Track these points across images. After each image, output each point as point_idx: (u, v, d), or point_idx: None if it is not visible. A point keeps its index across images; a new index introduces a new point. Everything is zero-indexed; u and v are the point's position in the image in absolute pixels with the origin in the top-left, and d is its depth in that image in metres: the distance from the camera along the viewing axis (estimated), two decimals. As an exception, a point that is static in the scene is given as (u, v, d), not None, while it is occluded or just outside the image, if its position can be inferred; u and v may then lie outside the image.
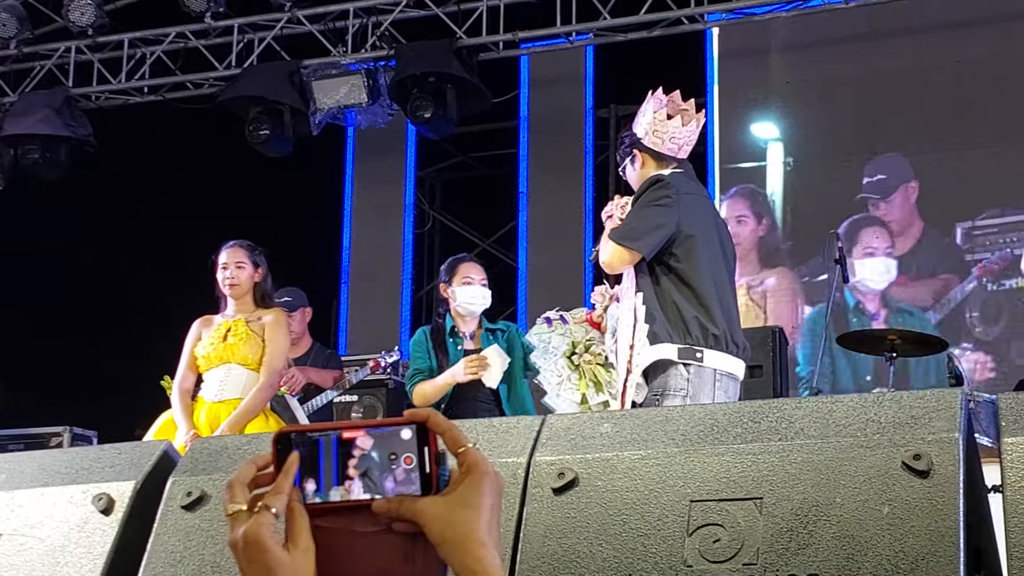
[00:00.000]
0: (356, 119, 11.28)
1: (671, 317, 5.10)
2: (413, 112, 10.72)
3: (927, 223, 10.39)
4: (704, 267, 5.18)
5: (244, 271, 6.51)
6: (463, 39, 10.83)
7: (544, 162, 12.04)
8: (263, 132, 10.91)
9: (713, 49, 11.28)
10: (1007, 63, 10.18)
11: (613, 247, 5.20)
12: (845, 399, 2.92)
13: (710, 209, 5.49)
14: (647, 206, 5.22)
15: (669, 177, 5.27)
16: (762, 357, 7.54)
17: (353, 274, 12.46)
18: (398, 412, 8.25)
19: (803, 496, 2.73)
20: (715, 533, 2.76)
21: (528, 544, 2.90)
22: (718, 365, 5.08)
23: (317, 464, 1.50)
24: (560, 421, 3.15)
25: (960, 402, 2.78)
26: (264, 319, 6.46)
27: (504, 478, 2.98)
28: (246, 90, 11.04)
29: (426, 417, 1.51)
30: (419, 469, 1.51)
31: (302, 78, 10.94)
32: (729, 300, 5.26)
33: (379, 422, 1.53)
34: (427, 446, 1.51)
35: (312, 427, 1.53)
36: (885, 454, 2.72)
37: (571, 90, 11.97)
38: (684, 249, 5.18)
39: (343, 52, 11.11)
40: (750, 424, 2.92)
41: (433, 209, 13.41)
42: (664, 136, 5.36)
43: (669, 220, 5.17)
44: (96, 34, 11.49)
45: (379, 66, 11.02)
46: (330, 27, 11.25)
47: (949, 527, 2.58)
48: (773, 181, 10.99)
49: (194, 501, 3.20)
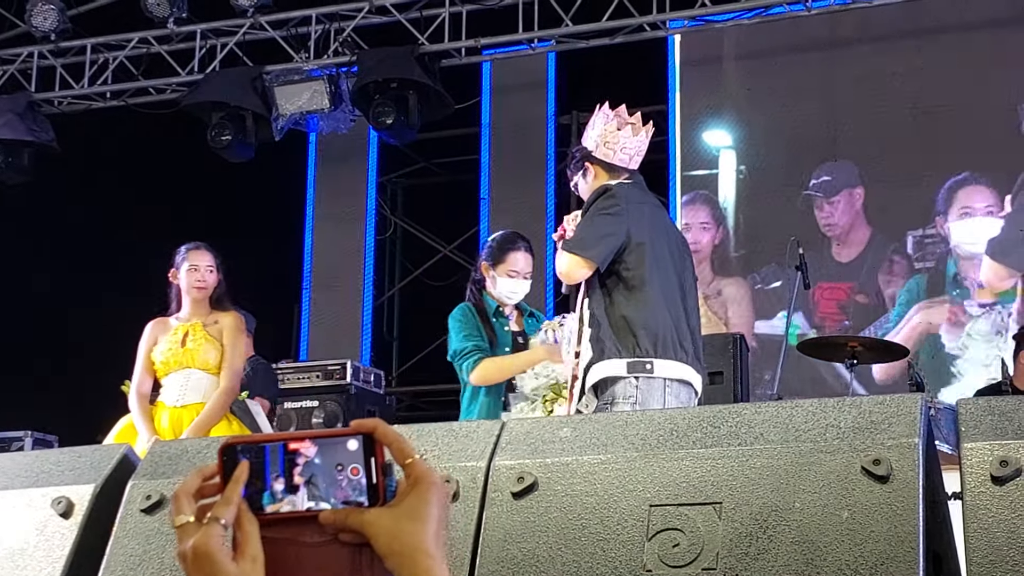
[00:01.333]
0: (318, 125, 11.25)
1: (619, 328, 5.11)
2: (375, 118, 10.70)
3: (875, 229, 10.43)
4: (654, 275, 5.20)
5: (213, 275, 6.50)
6: (425, 45, 10.82)
7: (506, 168, 12.04)
8: (225, 137, 10.88)
9: (675, 56, 11.31)
10: (967, 72, 10.24)
11: (568, 256, 5.22)
12: (805, 404, 2.92)
13: (662, 218, 5.51)
14: (596, 215, 5.25)
15: (616, 187, 5.30)
16: (723, 364, 7.56)
17: (314, 280, 12.43)
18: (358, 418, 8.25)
19: (763, 501, 2.74)
20: (674, 538, 2.77)
21: (487, 548, 2.90)
22: (668, 374, 5.09)
23: (264, 475, 1.49)
24: (520, 426, 3.15)
25: (920, 407, 2.80)
26: (221, 322, 6.43)
27: (464, 482, 2.98)
28: (208, 95, 11.01)
29: (373, 428, 1.51)
30: (366, 480, 1.50)
31: (264, 84, 10.91)
32: (680, 308, 5.26)
33: (325, 432, 1.53)
34: (374, 457, 1.50)
35: (258, 438, 1.52)
36: (845, 459, 2.73)
37: (533, 97, 11.98)
38: (634, 258, 5.20)
39: (305, 58, 11.09)
40: (710, 429, 2.92)
41: (395, 215, 13.40)
42: (615, 147, 5.39)
43: (618, 229, 5.19)
44: (59, 39, 11.42)
45: (341, 72, 11.00)
46: (292, 33, 11.22)
47: (909, 532, 2.59)
48: (726, 189, 11.02)
49: (153, 504, 3.18)
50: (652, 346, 5.07)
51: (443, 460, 3.07)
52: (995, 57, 10.21)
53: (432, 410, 12.69)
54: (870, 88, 10.54)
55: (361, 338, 12.15)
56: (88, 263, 11.49)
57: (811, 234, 10.27)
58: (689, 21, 10.67)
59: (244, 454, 1.50)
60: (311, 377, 9.31)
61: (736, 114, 11.13)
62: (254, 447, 1.50)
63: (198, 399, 6.26)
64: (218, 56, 11.35)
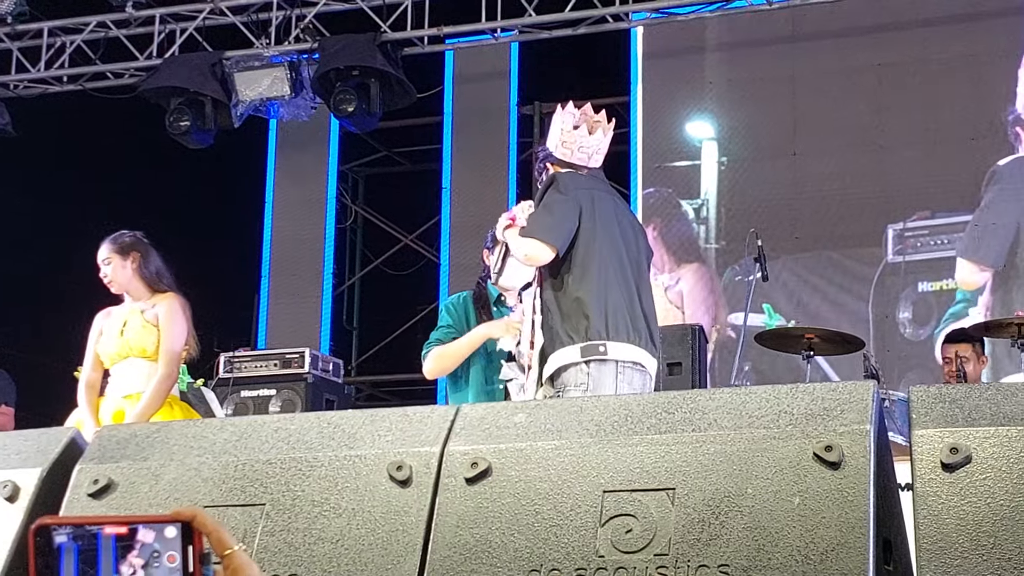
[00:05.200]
0: (279, 112, 11.19)
1: (572, 311, 5.15)
2: (336, 106, 10.66)
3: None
4: (605, 258, 5.25)
5: (111, 265, 6.32)
6: (388, 33, 10.79)
7: (468, 158, 12.02)
8: (184, 123, 10.81)
9: (637, 48, 11.31)
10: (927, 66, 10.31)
11: (531, 242, 5.23)
12: (759, 390, 2.92)
13: (612, 204, 5.52)
14: (552, 203, 5.29)
15: (561, 176, 5.37)
16: (681, 354, 7.57)
17: (274, 268, 12.38)
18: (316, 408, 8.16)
19: (715, 487, 2.73)
20: (627, 523, 2.76)
21: (440, 534, 2.88)
22: (620, 356, 5.12)
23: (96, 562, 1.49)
24: (474, 411, 3.13)
25: (872, 395, 2.80)
26: (157, 307, 6.29)
27: (417, 468, 2.96)
28: (167, 81, 10.93)
29: (192, 516, 1.51)
30: (182, 569, 1.50)
31: (224, 69, 10.85)
32: (634, 290, 5.30)
33: (145, 518, 1.52)
34: (192, 545, 1.50)
35: (76, 520, 1.51)
36: (797, 445, 2.72)
37: (496, 86, 11.97)
38: (583, 241, 5.25)
39: (266, 44, 11.03)
40: (664, 415, 2.91)
41: (356, 204, 13.37)
42: (572, 146, 5.48)
43: (572, 214, 5.25)
44: (15, 22, 11.33)
45: (302, 59, 10.96)
46: (253, 19, 11.16)
47: (859, 518, 2.59)
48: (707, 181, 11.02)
49: (101, 489, 3.15)
50: (604, 328, 5.10)
51: (397, 445, 3.06)
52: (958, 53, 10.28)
53: (391, 400, 12.68)
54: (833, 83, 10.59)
55: (320, 327, 12.11)
56: (43, 249, 11.40)
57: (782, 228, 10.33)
58: (652, 13, 10.69)
59: (76, 540, 1.49)
60: (269, 365, 9.26)
61: (707, 105, 11.14)
62: (70, 531, 1.49)
63: (139, 388, 6.13)
64: (177, 41, 11.29)
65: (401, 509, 2.95)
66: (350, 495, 3.00)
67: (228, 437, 3.23)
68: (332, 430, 3.16)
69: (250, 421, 3.39)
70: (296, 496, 3.03)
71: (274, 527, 2.99)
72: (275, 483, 3.06)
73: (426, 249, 12.67)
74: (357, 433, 3.13)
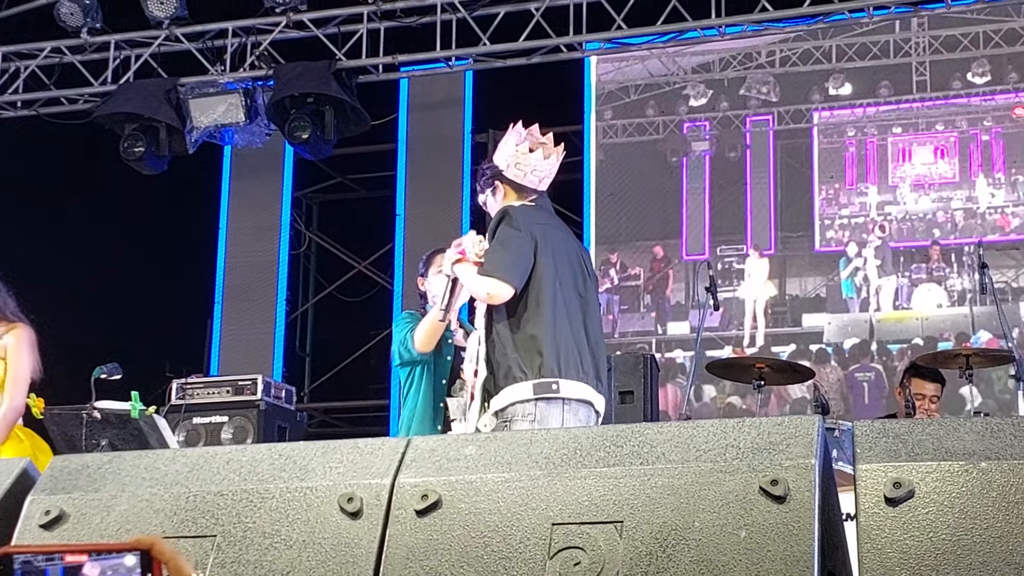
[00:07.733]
0: (233, 138, 11.19)
1: (526, 347, 5.12)
2: (291, 133, 10.67)
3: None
4: (556, 295, 5.20)
5: None
6: (343, 61, 10.81)
7: (422, 185, 12.05)
8: (138, 149, 10.79)
9: (591, 77, 11.39)
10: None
11: (490, 281, 5.18)
12: (706, 424, 2.96)
13: (563, 239, 5.50)
14: (505, 240, 5.24)
15: (515, 210, 5.30)
16: (633, 383, 7.61)
17: (227, 294, 12.35)
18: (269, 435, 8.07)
19: (663, 520, 2.76)
20: (576, 556, 2.78)
21: (390, 566, 2.90)
22: (569, 394, 5.11)
23: None
24: (425, 443, 3.15)
25: (817, 429, 2.84)
26: (5, 338, 6.21)
27: (368, 499, 2.98)
28: (122, 106, 10.91)
29: (150, 545, 1.53)
30: None
31: (179, 95, 10.84)
32: (582, 327, 5.27)
33: (104, 546, 1.54)
34: (150, 573, 1.52)
35: (36, 549, 1.53)
36: (743, 479, 2.76)
37: (450, 114, 12.01)
38: (537, 278, 5.21)
39: (221, 71, 11.03)
40: (612, 448, 2.94)
41: (309, 230, 13.37)
42: (526, 169, 5.41)
43: (528, 251, 5.21)
44: (-31, 42, 11.30)
45: (257, 86, 10.96)
46: (208, 45, 11.16)
47: (804, 552, 2.63)
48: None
49: (52, 520, 3.15)
50: (557, 365, 5.08)
51: (348, 477, 3.07)
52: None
53: (344, 426, 12.64)
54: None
55: (273, 353, 12.08)
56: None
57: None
58: (605, 43, 10.76)
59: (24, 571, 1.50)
60: (221, 392, 9.22)
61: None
62: (33, 562, 1.50)
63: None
64: (132, 67, 11.26)
65: (352, 541, 2.96)
66: (301, 527, 3.01)
67: (180, 468, 3.24)
68: (284, 462, 3.17)
69: (202, 452, 3.39)
70: (247, 528, 3.04)
71: (225, 559, 3.00)
72: (226, 515, 3.07)
73: (379, 276, 12.68)
74: (309, 465, 3.14)
